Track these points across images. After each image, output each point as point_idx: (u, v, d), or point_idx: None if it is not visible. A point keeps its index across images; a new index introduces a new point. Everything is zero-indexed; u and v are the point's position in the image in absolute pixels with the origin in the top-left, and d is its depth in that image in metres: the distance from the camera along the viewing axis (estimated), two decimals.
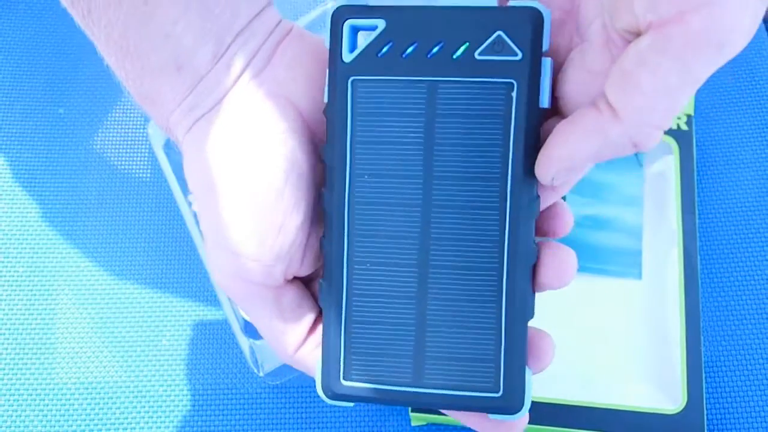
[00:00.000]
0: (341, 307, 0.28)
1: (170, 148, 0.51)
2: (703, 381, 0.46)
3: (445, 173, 0.27)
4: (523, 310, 0.27)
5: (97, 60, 0.28)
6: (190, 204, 0.50)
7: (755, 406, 0.48)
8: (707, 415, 0.47)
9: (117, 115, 0.58)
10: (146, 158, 0.57)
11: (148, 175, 0.56)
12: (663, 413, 0.45)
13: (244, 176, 0.27)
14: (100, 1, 0.26)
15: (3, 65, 0.60)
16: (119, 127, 0.58)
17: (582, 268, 0.50)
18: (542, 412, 0.45)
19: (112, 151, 0.57)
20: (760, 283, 0.51)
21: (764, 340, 0.50)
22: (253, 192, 0.27)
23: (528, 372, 0.27)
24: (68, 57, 0.60)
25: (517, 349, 0.27)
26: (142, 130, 0.58)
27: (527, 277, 0.27)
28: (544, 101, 0.26)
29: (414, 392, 0.28)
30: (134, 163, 0.57)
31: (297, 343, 0.29)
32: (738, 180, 0.55)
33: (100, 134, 0.58)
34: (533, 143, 0.26)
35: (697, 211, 0.51)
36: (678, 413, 0.45)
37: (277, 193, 0.27)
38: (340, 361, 0.28)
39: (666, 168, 0.53)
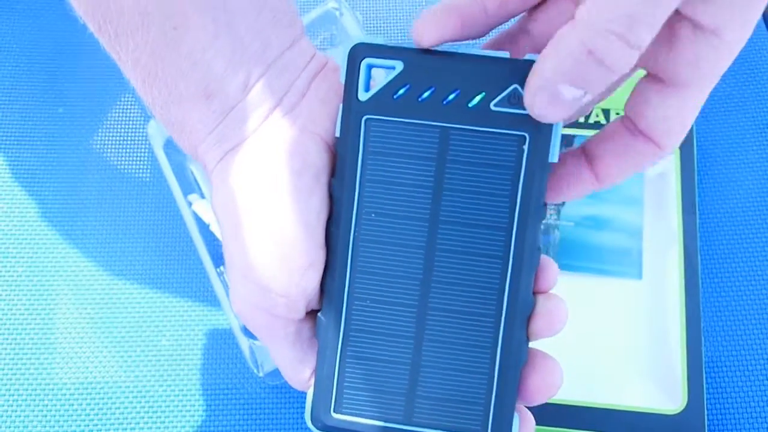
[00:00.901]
0: (338, 341, 0.28)
1: (170, 148, 0.51)
2: (704, 381, 0.46)
3: (451, 219, 0.27)
4: (518, 357, 0.28)
5: (96, 59, 0.28)
6: (190, 204, 0.50)
7: (755, 406, 0.48)
8: (707, 415, 0.47)
9: (117, 114, 0.58)
10: (146, 158, 0.57)
11: (148, 175, 0.56)
12: (663, 413, 0.45)
13: (276, 214, 0.27)
14: (127, 26, 0.25)
15: (3, 65, 0.60)
16: (119, 127, 0.58)
17: (582, 268, 0.50)
18: (542, 412, 0.45)
19: (112, 151, 0.57)
20: (760, 283, 0.51)
21: (764, 340, 0.50)
22: (285, 230, 0.27)
23: (516, 417, 0.28)
24: (68, 57, 0.60)
25: (507, 394, 0.28)
26: (142, 130, 0.58)
27: (523, 327, 0.28)
28: (554, 156, 0.27)
29: (403, 430, 0.28)
30: (134, 163, 0.57)
31: (312, 372, 0.30)
32: (738, 180, 0.55)
33: (99, 134, 0.58)
34: (540, 196, 0.27)
35: (697, 211, 0.51)
36: (678, 413, 0.45)
37: (308, 231, 0.27)
38: (332, 393, 0.28)
39: (666, 168, 0.53)
